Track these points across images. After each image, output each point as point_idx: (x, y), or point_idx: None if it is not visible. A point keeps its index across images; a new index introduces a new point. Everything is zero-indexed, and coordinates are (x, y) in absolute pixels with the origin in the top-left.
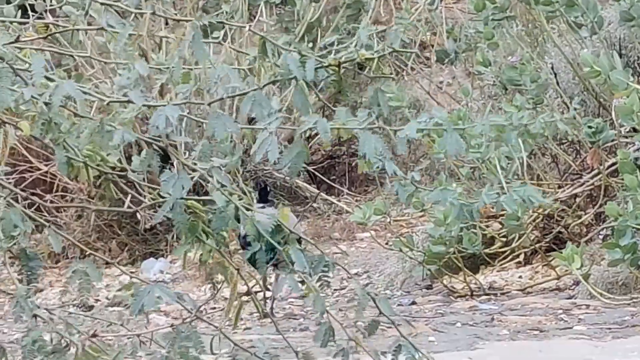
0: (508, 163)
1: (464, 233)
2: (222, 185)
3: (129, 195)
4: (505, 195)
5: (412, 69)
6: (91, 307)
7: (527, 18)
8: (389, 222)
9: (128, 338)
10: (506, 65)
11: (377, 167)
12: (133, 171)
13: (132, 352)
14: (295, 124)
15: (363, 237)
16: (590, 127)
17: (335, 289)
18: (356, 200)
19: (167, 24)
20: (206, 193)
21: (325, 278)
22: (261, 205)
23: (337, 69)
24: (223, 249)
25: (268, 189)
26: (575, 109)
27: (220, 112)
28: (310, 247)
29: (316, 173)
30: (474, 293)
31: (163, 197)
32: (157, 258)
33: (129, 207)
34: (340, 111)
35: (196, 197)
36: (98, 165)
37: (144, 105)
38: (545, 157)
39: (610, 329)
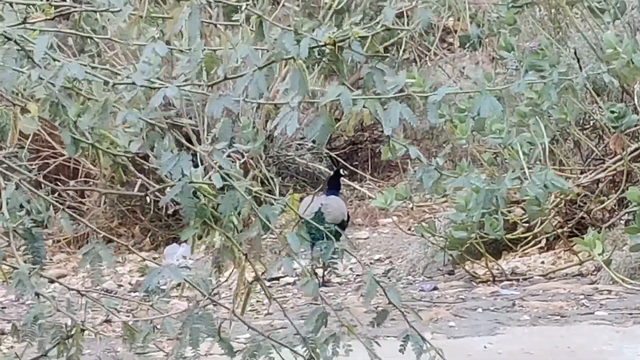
0: (530, 149)
1: (485, 219)
2: (221, 167)
3: (139, 179)
4: (527, 181)
5: (435, 54)
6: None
7: (550, 3)
8: (411, 208)
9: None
10: (527, 50)
11: (400, 154)
12: (155, 157)
13: (147, 335)
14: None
15: (385, 222)
16: (612, 112)
17: (357, 275)
18: (379, 186)
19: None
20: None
21: (334, 265)
22: (329, 194)
23: (333, 47)
24: (232, 234)
25: (340, 174)
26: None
27: (220, 93)
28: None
29: (339, 159)
30: (496, 278)
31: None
32: (179, 243)
33: (139, 190)
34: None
35: (202, 182)
36: (108, 148)
37: (145, 87)
38: (567, 142)
39: (631, 314)
